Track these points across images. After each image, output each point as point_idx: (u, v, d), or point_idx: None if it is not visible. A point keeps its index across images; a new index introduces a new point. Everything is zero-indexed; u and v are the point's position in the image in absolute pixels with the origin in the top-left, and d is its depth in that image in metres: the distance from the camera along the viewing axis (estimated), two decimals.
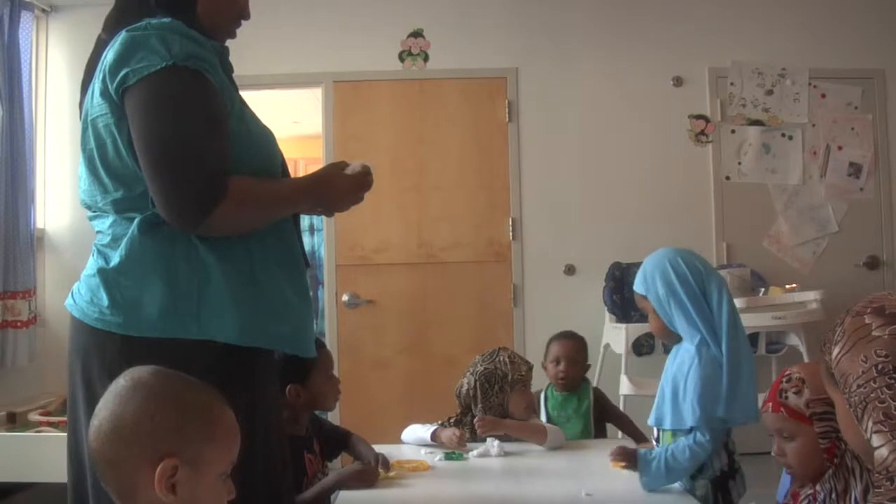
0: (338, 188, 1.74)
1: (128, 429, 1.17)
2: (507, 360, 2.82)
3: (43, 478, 3.44)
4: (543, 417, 3.11)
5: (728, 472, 2.22)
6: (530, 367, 2.87)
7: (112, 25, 1.69)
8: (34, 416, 3.86)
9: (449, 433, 2.70)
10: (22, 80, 4.51)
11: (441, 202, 4.98)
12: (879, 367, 1.14)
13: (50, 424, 3.73)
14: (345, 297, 4.92)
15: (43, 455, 3.42)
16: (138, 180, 1.56)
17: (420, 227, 4.98)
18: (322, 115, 5.02)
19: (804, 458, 1.69)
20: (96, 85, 1.59)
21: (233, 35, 1.79)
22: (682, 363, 2.23)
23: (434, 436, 2.72)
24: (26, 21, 4.63)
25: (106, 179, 1.59)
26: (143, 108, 1.53)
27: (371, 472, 2.32)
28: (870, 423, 1.14)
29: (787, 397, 1.72)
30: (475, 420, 2.72)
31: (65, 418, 3.85)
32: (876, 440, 1.13)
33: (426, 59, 5.04)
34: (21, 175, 4.46)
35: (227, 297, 1.57)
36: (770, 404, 1.76)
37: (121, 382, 1.22)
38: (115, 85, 1.54)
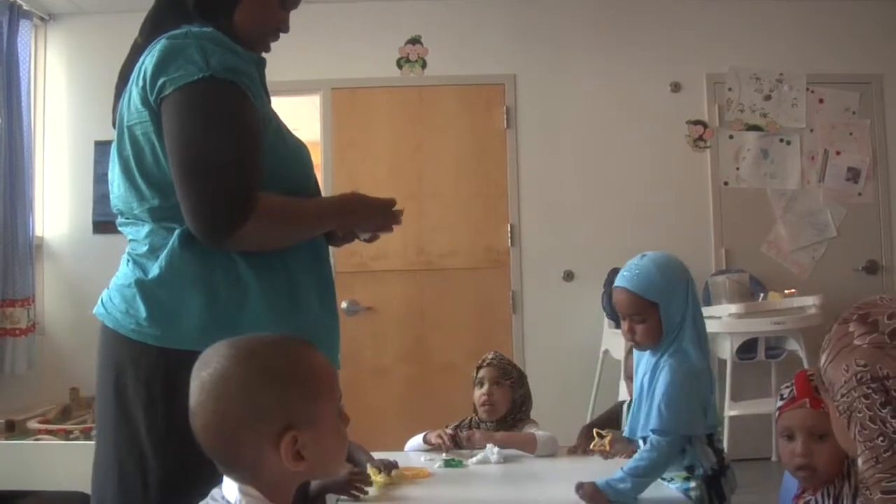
0: (365, 211, 1.74)
1: (234, 421, 1.15)
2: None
3: (42, 486, 3.43)
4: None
5: (718, 471, 2.23)
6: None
7: (148, 30, 1.67)
8: (33, 424, 3.85)
9: (435, 434, 2.72)
10: (21, 88, 4.52)
11: (439, 209, 4.98)
12: (858, 376, 1.15)
13: (49, 432, 3.72)
14: (344, 305, 4.92)
15: (42, 463, 3.41)
16: (170, 189, 1.54)
17: (419, 233, 4.98)
18: (320, 123, 5.03)
19: (836, 457, 1.60)
20: (134, 91, 1.57)
21: (267, 48, 1.76)
22: (660, 370, 2.22)
23: (425, 439, 2.74)
24: (25, 29, 4.64)
25: (143, 187, 1.57)
26: (176, 118, 1.51)
27: (358, 479, 2.29)
28: (855, 432, 1.16)
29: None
30: (464, 436, 2.71)
31: (63, 426, 3.87)
32: (858, 449, 1.15)
33: (424, 65, 5.05)
34: (20, 183, 4.47)
35: (266, 312, 1.56)
36: (805, 400, 1.66)
37: (205, 378, 1.18)
38: (153, 94, 1.52)
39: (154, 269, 1.56)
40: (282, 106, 1.78)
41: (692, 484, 2.21)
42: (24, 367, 4.45)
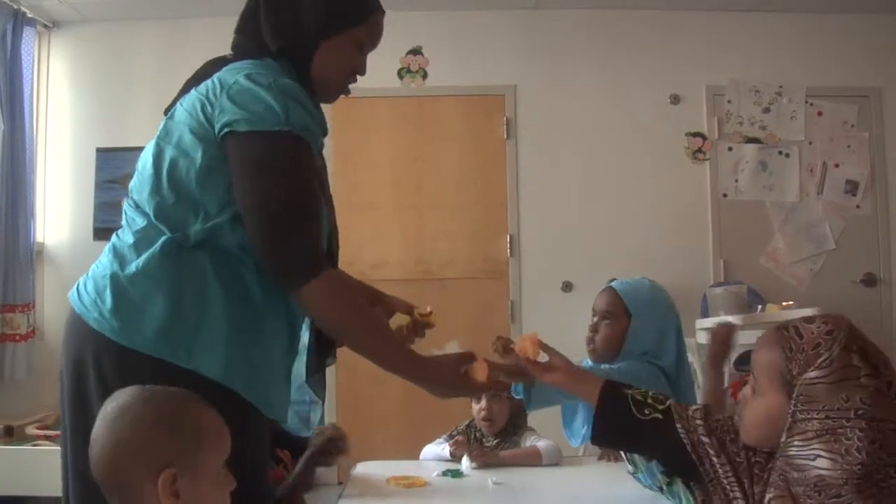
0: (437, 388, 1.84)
1: (124, 452, 1.25)
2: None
3: (40, 491, 3.44)
4: None
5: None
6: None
7: (237, 53, 1.73)
8: (31, 430, 3.87)
9: (452, 444, 2.73)
10: (24, 94, 4.54)
11: (439, 219, 5.00)
12: (860, 412, 1.29)
13: (47, 438, 3.74)
14: None
15: (40, 469, 3.43)
16: (185, 198, 1.58)
17: (418, 243, 4.99)
18: None
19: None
20: (203, 101, 1.61)
21: (346, 91, 1.81)
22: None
23: (451, 453, 2.74)
24: (29, 36, 4.66)
25: (164, 180, 1.60)
26: (260, 163, 1.56)
27: (337, 440, 2.32)
28: (820, 447, 1.30)
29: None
30: (470, 451, 2.71)
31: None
32: (824, 463, 1.29)
33: (425, 76, 5.07)
34: (21, 189, 4.49)
35: (223, 335, 1.57)
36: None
37: (108, 409, 1.29)
38: (222, 120, 1.56)
39: (131, 267, 1.58)
40: None
41: (675, 487, 2.21)
42: (23, 373, 4.45)
